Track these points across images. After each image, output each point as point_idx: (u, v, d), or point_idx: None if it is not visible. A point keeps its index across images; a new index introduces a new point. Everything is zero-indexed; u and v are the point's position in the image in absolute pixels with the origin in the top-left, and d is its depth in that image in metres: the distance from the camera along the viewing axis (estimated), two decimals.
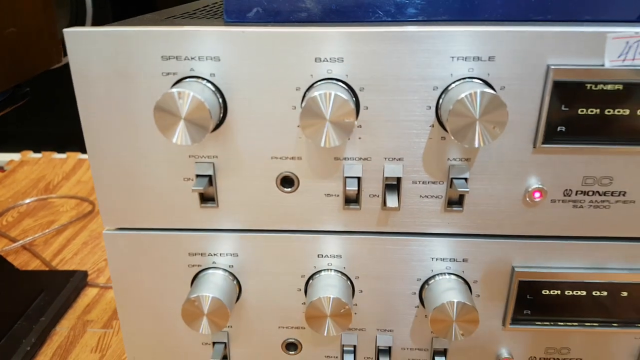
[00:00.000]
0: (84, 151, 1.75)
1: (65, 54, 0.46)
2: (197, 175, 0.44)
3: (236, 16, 0.45)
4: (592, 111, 0.40)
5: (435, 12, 0.44)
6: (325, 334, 0.44)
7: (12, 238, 1.31)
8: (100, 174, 0.45)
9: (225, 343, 0.50)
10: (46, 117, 1.76)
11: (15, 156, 1.78)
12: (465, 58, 0.39)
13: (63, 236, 1.39)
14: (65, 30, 0.40)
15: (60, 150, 1.77)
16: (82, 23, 1.58)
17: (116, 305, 0.50)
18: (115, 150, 0.44)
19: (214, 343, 0.50)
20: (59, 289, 1.15)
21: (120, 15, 1.67)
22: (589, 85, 0.40)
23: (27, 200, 1.54)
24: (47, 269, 1.26)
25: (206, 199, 0.45)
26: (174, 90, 0.38)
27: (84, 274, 1.21)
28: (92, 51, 0.40)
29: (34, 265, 1.28)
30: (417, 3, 0.44)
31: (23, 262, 1.29)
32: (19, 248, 1.32)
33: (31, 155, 1.81)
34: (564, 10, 0.44)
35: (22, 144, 1.79)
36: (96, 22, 1.59)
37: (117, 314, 1.12)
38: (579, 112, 0.40)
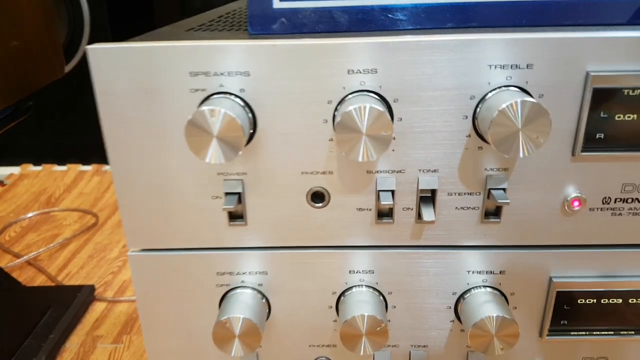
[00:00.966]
0: (84, 162, 1.74)
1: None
2: (226, 193, 0.43)
3: (261, 28, 0.44)
4: (629, 117, 0.40)
5: (465, 19, 0.43)
6: (361, 353, 0.43)
7: (16, 254, 1.29)
8: (125, 193, 0.43)
9: None
10: (45, 129, 1.74)
11: (15, 169, 1.76)
12: (503, 66, 0.38)
13: (68, 250, 1.37)
14: (88, 47, 0.39)
15: (61, 162, 1.75)
16: (80, 31, 1.56)
17: (142, 328, 0.48)
18: (141, 170, 0.42)
19: None
20: (66, 304, 1.13)
21: (117, 23, 1.65)
22: (626, 91, 0.39)
23: (29, 215, 1.52)
24: (53, 284, 1.24)
25: (235, 216, 0.44)
26: (206, 108, 0.36)
27: (91, 288, 1.19)
28: (117, 68, 0.39)
29: (40, 280, 1.26)
30: (446, 11, 0.43)
31: (28, 277, 1.27)
32: (23, 264, 1.30)
33: (31, 168, 1.79)
34: (593, 15, 0.43)
35: (22, 157, 1.77)
36: (94, 30, 1.58)
37: (128, 329, 1.10)
38: (617, 118, 0.39)
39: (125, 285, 1.23)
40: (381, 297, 0.46)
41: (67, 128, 1.72)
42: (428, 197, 0.43)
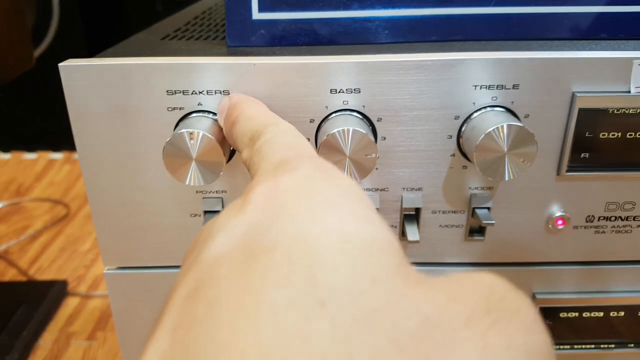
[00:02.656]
0: (54, 149, 1.69)
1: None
2: (205, 212, 0.42)
3: (240, 40, 0.43)
4: (613, 135, 0.39)
5: (449, 32, 0.43)
6: None
7: None
8: (100, 212, 0.42)
9: None
10: (13, 114, 1.69)
11: None
12: (489, 86, 0.38)
13: (39, 242, 1.35)
14: (60, 64, 0.37)
15: (30, 149, 1.70)
16: (49, 13, 1.51)
17: (119, 344, 0.47)
18: (117, 189, 0.41)
19: None
20: (39, 300, 1.11)
21: (88, 10, 1.60)
22: (611, 110, 0.39)
23: None
24: (24, 278, 1.22)
25: None
26: (184, 130, 0.35)
27: (64, 283, 1.17)
28: (90, 86, 0.37)
29: (11, 274, 1.24)
30: (430, 24, 0.42)
31: None
32: None
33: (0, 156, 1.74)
34: (577, 29, 0.43)
35: None
36: (63, 19, 1.53)
37: (102, 325, 1.08)
38: (602, 137, 0.39)
39: (99, 280, 1.21)
40: None
41: (36, 113, 1.67)
42: (412, 215, 0.42)
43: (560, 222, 0.41)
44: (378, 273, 0.19)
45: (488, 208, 0.41)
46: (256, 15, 0.42)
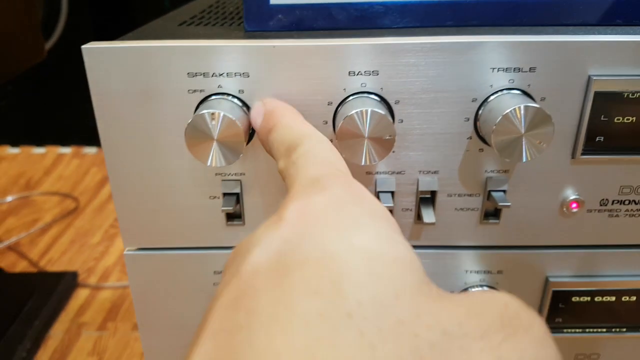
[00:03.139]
0: (63, 144, 1.70)
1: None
2: (224, 194, 0.42)
3: (257, 25, 0.43)
4: (628, 119, 0.40)
5: (465, 17, 0.43)
6: None
7: None
8: (121, 194, 0.42)
9: None
10: (23, 109, 1.70)
11: None
12: (506, 69, 0.38)
13: (49, 235, 1.36)
14: (84, 47, 0.37)
15: (39, 143, 1.71)
16: (57, 6, 1.52)
17: (138, 326, 0.48)
18: (138, 170, 0.41)
19: None
20: (49, 291, 1.12)
21: (96, 5, 1.60)
22: (626, 94, 0.39)
23: (9, 199, 1.50)
24: (35, 270, 1.23)
25: (232, 216, 0.44)
26: (206, 111, 0.36)
27: (74, 274, 1.18)
28: (113, 68, 0.38)
29: (22, 266, 1.25)
30: (446, 9, 0.43)
31: (10, 263, 1.25)
32: (4, 249, 1.28)
33: (9, 150, 1.75)
34: (593, 14, 0.43)
35: None
36: (71, 13, 1.54)
37: (113, 316, 1.09)
38: (616, 121, 0.40)
39: (109, 272, 1.22)
40: None
41: (45, 108, 1.69)
42: (428, 199, 0.43)
43: (574, 205, 0.42)
44: (401, 288, 0.21)
45: (504, 191, 0.41)
46: (274, 0, 0.43)
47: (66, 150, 1.73)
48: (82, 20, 1.57)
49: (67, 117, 1.64)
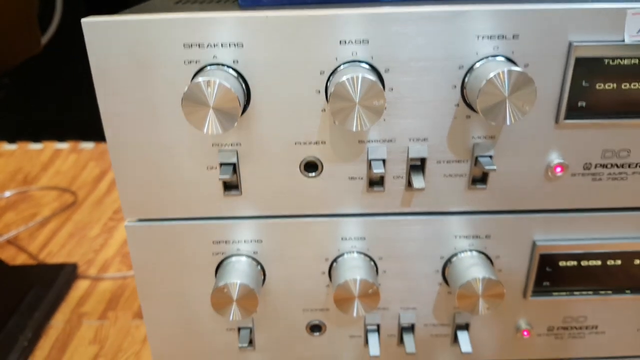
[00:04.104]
0: (60, 139, 1.71)
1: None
2: (221, 164, 0.44)
3: (251, 0, 0.45)
4: (609, 86, 0.41)
5: None
6: (354, 315, 0.45)
7: None
8: (121, 165, 0.44)
9: (250, 328, 0.51)
10: (19, 104, 1.71)
11: None
12: (490, 37, 0.40)
13: (48, 228, 1.36)
14: (83, 20, 0.39)
15: (36, 139, 1.72)
16: (52, 9, 1.53)
17: (139, 296, 0.49)
18: (137, 142, 0.43)
19: (239, 329, 0.51)
20: (50, 282, 1.13)
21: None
22: (607, 61, 0.41)
23: (7, 194, 1.51)
24: (34, 263, 1.24)
25: (229, 186, 0.45)
26: (201, 79, 0.37)
27: (74, 266, 1.19)
28: (112, 41, 0.39)
29: (21, 259, 1.26)
30: None
31: (9, 256, 1.26)
32: (3, 242, 1.30)
33: (6, 146, 1.76)
34: None
35: None
36: (67, 8, 1.55)
37: (114, 305, 1.10)
38: (598, 87, 0.41)
39: (109, 263, 1.23)
40: (372, 263, 0.48)
41: (41, 104, 1.69)
42: (418, 166, 0.44)
43: (559, 169, 0.43)
44: None
45: (490, 156, 0.43)
46: None
47: (63, 145, 1.73)
48: (78, 15, 1.58)
49: (63, 112, 1.65)
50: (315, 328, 0.51)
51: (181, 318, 0.50)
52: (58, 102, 1.66)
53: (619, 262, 0.48)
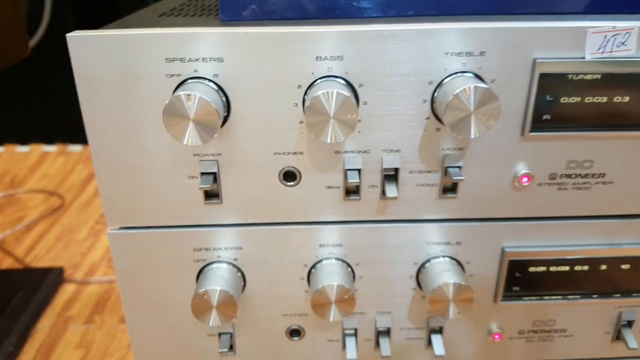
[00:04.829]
0: (48, 142, 1.72)
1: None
2: (202, 173, 0.45)
3: (232, 14, 0.46)
4: (573, 99, 0.43)
5: (425, 7, 0.46)
6: (331, 319, 0.47)
7: None
8: (104, 174, 0.45)
9: (231, 333, 0.52)
10: (5, 107, 1.71)
11: None
12: (458, 54, 0.41)
13: (34, 232, 1.37)
14: (68, 35, 0.40)
15: (23, 142, 1.72)
16: (40, 4, 1.53)
17: (122, 302, 0.51)
18: (120, 151, 0.44)
19: (220, 334, 0.52)
20: (36, 286, 1.14)
21: (82, 3, 1.61)
22: (570, 76, 0.43)
23: None
24: (21, 266, 1.24)
25: (210, 195, 0.47)
26: (182, 93, 0.39)
27: (60, 270, 1.20)
28: (96, 55, 0.41)
29: (7, 263, 1.26)
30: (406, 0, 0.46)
31: None
32: None
33: None
34: (543, 4, 0.46)
35: None
36: (55, 12, 1.55)
37: (100, 309, 1.11)
38: (562, 101, 0.43)
39: (95, 267, 1.24)
40: (349, 268, 0.49)
41: (29, 106, 1.69)
42: (391, 175, 0.46)
43: (525, 179, 0.45)
44: None
45: (459, 167, 0.45)
46: None
47: (51, 148, 1.74)
48: (66, 18, 1.58)
49: (51, 114, 1.66)
50: (295, 333, 0.53)
51: (163, 323, 0.52)
52: (46, 105, 1.66)
53: (586, 267, 0.50)
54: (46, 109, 1.66)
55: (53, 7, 1.55)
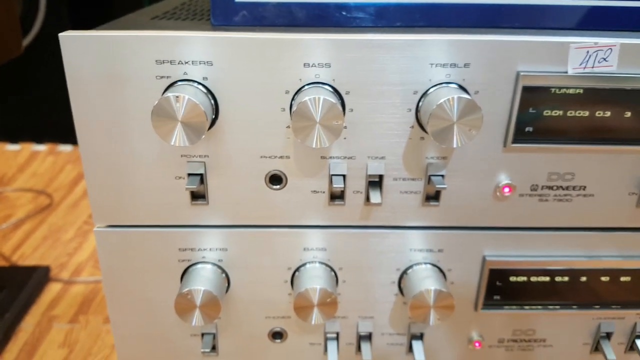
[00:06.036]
0: (38, 141, 1.71)
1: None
2: (189, 174, 0.46)
3: (223, 19, 0.47)
4: (555, 113, 0.44)
5: (412, 19, 0.47)
6: (313, 322, 0.47)
7: None
8: (92, 173, 0.46)
9: (214, 334, 0.52)
10: None
11: None
12: (443, 65, 0.42)
13: (22, 230, 1.37)
14: (60, 35, 0.41)
15: (13, 140, 1.72)
16: (34, 11, 1.53)
17: (106, 301, 0.51)
18: (108, 151, 0.45)
19: (202, 334, 0.53)
20: (21, 285, 1.14)
21: (75, 2, 1.61)
22: (553, 90, 0.44)
23: None
24: (6, 264, 1.24)
25: (197, 196, 0.47)
26: (171, 94, 0.39)
27: (46, 269, 1.19)
28: (87, 55, 0.42)
29: None
30: (395, 11, 0.47)
31: None
32: None
33: None
34: (529, 19, 0.47)
35: None
36: (50, 9, 1.56)
37: (85, 309, 1.11)
38: (545, 114, 0.44)
39: (82, 267, 1.23)
40: (332, 273, 0.50)
41: (20, 105, 1.69)
42: (376, 182, 0.47)
43: (507, 189, 0.46)
44: None
45: (442, 175, 0.46)
46: None
47: (41, 147, 1.74)
48: (60, 17, 1.58)
49: (42, 114, 1.66)
50: (277, 335, 0.53)
51: (147, 323, 0.52)
52: (37, 104, 1.66)
53: (566, 278, 0.51)
54: (37, 108, 1.66)
55: (48, 7, 1.55)
